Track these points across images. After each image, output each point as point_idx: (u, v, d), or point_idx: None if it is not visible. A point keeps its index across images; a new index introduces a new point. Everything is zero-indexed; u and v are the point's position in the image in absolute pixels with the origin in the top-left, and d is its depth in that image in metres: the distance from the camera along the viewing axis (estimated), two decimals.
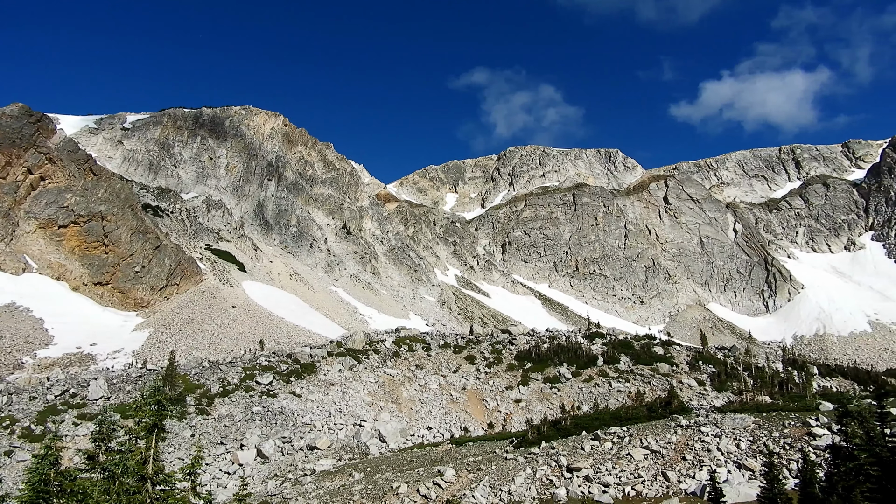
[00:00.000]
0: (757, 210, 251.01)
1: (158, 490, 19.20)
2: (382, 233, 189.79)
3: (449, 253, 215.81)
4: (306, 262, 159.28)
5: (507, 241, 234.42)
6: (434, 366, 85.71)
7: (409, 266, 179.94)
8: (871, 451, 16.72)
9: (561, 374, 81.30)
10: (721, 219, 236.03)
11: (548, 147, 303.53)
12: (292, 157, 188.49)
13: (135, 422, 20.85)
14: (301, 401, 70.37)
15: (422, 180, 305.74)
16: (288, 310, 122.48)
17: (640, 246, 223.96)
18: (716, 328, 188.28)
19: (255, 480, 55.00)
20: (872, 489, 15.44)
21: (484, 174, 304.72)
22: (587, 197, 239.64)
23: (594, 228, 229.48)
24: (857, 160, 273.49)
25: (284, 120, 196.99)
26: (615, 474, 43.39)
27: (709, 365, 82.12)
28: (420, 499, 44.93)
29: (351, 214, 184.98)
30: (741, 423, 46.33)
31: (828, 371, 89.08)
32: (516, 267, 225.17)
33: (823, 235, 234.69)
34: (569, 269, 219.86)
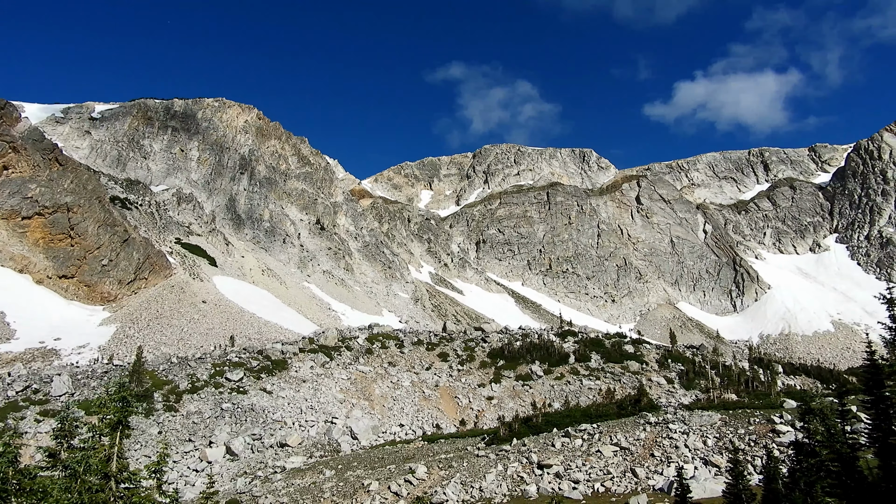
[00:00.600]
0: (726, 211, 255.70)
1: (122, 488, 18.80)
2: (356, 229, 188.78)
3: (423, 250, 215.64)
4: (279, 257, 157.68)
5: (482, 239, 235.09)
6: (407, 363, 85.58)
7: (383, 263, 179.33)
8: (831, 448, 17.12)
9: (533, 372, 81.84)
10: (691, 219, 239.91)
11: (523, 146, 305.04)
12: (266, 151, 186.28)
13: (99, 418, 20.38)
14: (272, 398, 69.67)
15: (397, 177, 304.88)
16: (260, 305, 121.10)
17: (612, 245, 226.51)
18: (685, 327, 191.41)
19: (223, 478, 54.30)
20: (833, 484, 15.81)
21: (459, 171, 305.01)
22: (561, 196, 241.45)
23: (567, 227, 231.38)
24: (823, 164, 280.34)
25: (258, 113, 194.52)
26: (585, 471, 43.86)
27: (678, 363, 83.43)
28: (391, 496, 44.84)
29: (325, 210, 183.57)
30: (708, 420, 47.19)
31: (792, 370, 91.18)
32: (490, 265, 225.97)
33: (790, 237, 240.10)
34: (542, 268, 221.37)
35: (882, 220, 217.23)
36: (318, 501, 44.90)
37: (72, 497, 17.24)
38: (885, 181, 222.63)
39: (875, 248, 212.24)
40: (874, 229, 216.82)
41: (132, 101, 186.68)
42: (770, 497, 20.17)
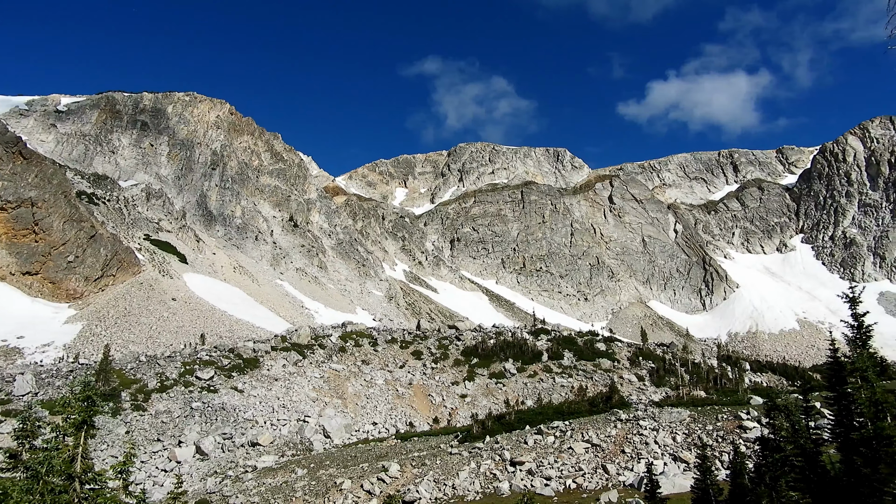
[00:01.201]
0: (696, 211, 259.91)
1: (87, 489, 18.35)
2: (330, 226, 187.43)
3: (397, 248, 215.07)
4: (251, 254, 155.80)
5: (456, 237, 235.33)
6: (380, 361, 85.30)
7: (357, 260, 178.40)
8: (796, 443, 17.51)
9: (506, 370, 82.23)
10: (663, 219, 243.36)
11: (497, 144, 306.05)
12: (238, 147, 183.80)
13: (63, 418, 19.87)
14: (243, 396, 68.85)
15: (371, 174, 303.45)
16: (231, 303, 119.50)
17: (585, 244, 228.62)
18: (656, 325, 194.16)
19: (193, 478, 53.50)
20: (796, 479, 16.16)
21: (434, 169, 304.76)
22: (535, 195, 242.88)
23: (541, 226, 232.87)
24: (790, 165, 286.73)
25: (230, 108, 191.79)
26: (557, 468, 44.20)
27: (648, 361, 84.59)
28: (364, 494, 44.65)
29: (298, 207, 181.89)
30: (677, 417, 47.92)
31: (759, 367, 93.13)
32: (464, 263, 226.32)
33: (757, 237, 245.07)
34: (516, 266, 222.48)
35: (846, 220, 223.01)
36: (289, 501, 44.51)
37: (33, 499, 16.78)
38: (849, 183, 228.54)
39: (839, 248, 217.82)
40: (838, 230, 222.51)
41: (99, 95, 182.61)
42: (736, 492, 20.56)
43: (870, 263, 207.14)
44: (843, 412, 15.92)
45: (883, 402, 14.93)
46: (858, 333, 20.85)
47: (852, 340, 20.34)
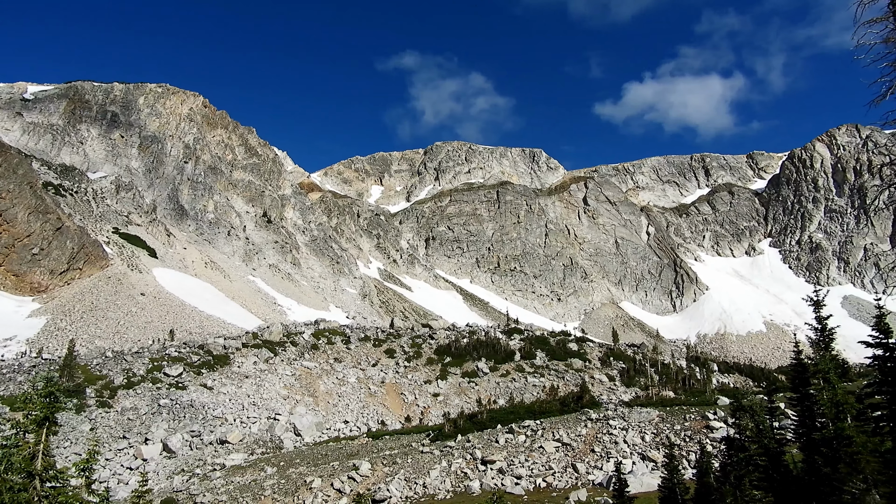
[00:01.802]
0: (668, 214, 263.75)
1: (48, 487, 17.94)
2: (304, 223, 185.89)
3: (372, 245, 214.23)
4: (223, 249, 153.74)
5: (431, 236, 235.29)
6: (353, 359, 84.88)
7: (331, 257, 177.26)
8: (760, 443, 17.87)
9: (479, 369, 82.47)
10: (635, 221, 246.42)
11: (474, 144, 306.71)
12: (211, 140, 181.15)
13: (24, 415, 19.39)
14: (213, 393, 67.92)
15: (347, 171, 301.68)
16: (202, 299, 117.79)
17: (559, 245, 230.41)
18: (627, 326, 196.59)
19: (160, 476, 52.64)
20: (760, 478, 16.49)
21: (410, 168, 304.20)
22: (511, 195, 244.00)
23: (516, 226, 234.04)
24: (760, 171, 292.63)
25: (204, 101, 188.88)
26: (528, 466, 44.48)
27: (619, 361, 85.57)
28: (334, 493, 44.40)
29: (272, 203, 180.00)
30: (646, 416, 48.57)
31: (726, 368, 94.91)
32: (439, 262, 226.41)
33: (727, 240, 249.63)
34: (490, 266, 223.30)
35: (812, 225, 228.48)
36: (258, 499, 44.05)
37: None
38: (816, 189, 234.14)
39: (805, 253, 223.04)
40: (805, 234, 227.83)
41: (68, 84, 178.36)
42: (702, 490, 20.92)
43: (834, 268, 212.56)
44: (806, 413, 16.30)
45: (843, 404, 15.31)
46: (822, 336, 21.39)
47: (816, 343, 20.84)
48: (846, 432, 14.43)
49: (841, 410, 15.12)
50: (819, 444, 14.98)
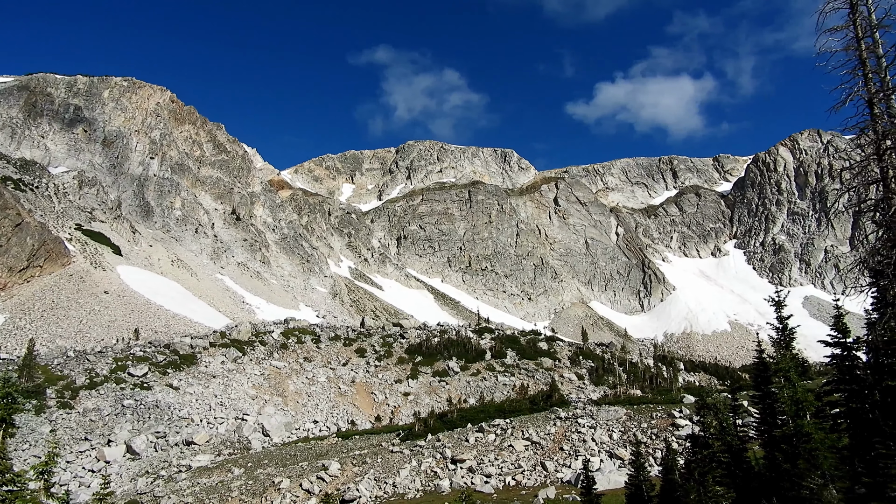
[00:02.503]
0: (637, 215, 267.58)
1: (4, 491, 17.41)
2: (274, 220, 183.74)
3: (343, 244, 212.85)
4: (190, 247, 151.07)
5: (403, 235, 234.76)
6: (323, 358, 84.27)
7: (302, 256, 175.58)
8: (723, 440, 18.25)
9: (450, 368, 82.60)
10: (605, 222, 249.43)
11: (446, 143, 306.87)
12: (179, 136, 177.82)
13: None
14: (179, 393, 66.74)
15: (318, 168, 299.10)
16: (168, 297, 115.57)
17: (530, 245, 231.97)
18: (596, 325, 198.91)
19: (123, 479, 51.54)
20: (723, 474, 16.84)
21: (382, 166, 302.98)
22: (482, 195, 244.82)
23: (488, 226, 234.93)
24: (726, 173, 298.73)
25: (172, 96, 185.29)
26: (497, 465, 44.70)
27: (588, 360, 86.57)
28: (303, 493, 44.02)
29: (241, 200, 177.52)
30: (614, 414, 49.23)
31: (692, 367, 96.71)
32: (410, 261, 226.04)
33: (694, 241, 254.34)
34: (462, 265, 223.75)
35: (776, 228, 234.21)
36: (225, 500, 43.44)
37: None
38: (780, 192, 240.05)
39: (769, 254, 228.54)
40: (768, 236, 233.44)
41: (29, 76, 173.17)
42: (667, 487, 21.29)
43: (796, 269, 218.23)
44: (767, 410, 16.70)
45: (803, 401, 15.72)
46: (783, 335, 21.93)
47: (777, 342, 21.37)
48: (805, 429, 14.82)
49: (801, 408, 15.53)
50: (779, 441, 15.36)
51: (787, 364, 16.77)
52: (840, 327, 17.25)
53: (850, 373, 17.05)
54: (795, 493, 14.44)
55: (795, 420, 15.35)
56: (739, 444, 18.77)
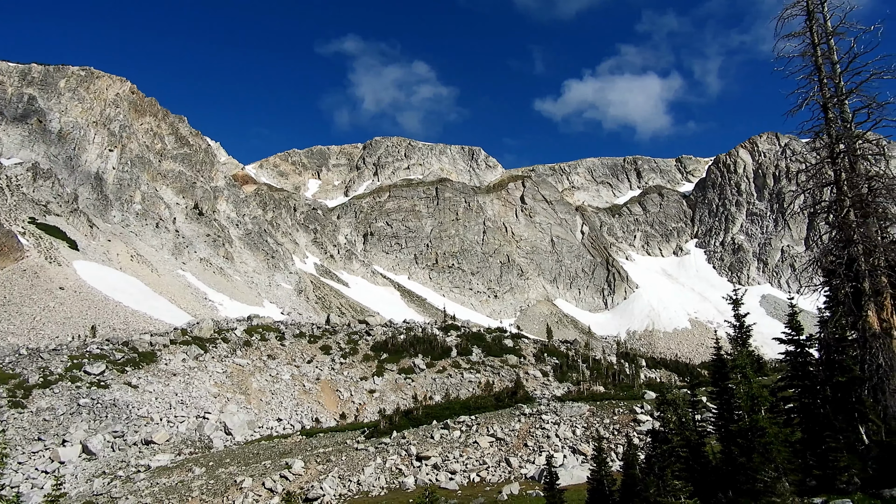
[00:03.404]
0: (602, 214, 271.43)
1: None
2: (238, 216, 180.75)
3: (309, 240, 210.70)
4: (151, 242, 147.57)
5: (369, 232, 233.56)
6: (287, 356, 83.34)
7: (266, 252, 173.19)
8: (682, 435, 18.65)
9: (416, 365, 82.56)
10: (571, 220, 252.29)
11: (413, 140, 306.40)
12: (139, 128, 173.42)
13: None
14: (137, 392, 65.20)
15: (283, 164, 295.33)
16: (127, 294, 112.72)
17: (496, 242, 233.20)
18: (561, 323, 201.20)
19: (78, 480, 50.14)
20: (681, 468, 17.22)
21: (349, 162, 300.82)
22: (449, 192, 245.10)
23: (455, 223, 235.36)
24: (688, 174, 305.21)
25: (132, 87, 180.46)
26: (462, 461, 44.87)
27: (553, 357, 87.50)
28: (265, 492, 43.49)
29: (204, 194, 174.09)
30: (578, 411, 49.85)
31: (654, 363, 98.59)
32: (377, 257, 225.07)
33: (657, 241, 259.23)
34: (428, 262, 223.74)
35: (735, 228, 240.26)
36: (185, 501, 42.63)
37: None
38: (739, 193, 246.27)
39: (728, 254, 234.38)
40: (728, 236, 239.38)
41: None
42: (628, 482, 21.67)
43: (754, 268, 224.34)
44: (724, 406, 17.14)
45: (758, 397, 16.17)
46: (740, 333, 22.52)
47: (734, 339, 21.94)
48: (760, 424, 15.25)
49: (756, 403, 15.98)
50: (735, 436, 15.77)
51: (744, 361, 17.23)
52: (794, 325, 17.80)
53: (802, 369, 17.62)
54: (750, 486, 14.85)
55: (751, 415, 15.77)
56: (698, 439, 19.22)
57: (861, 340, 17.24)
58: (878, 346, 16.84)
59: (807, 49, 19.55)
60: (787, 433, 16.34)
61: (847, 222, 18.06)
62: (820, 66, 19.27)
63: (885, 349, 16.81)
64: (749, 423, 15.46)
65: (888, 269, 17.85)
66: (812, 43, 19.41)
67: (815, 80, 19.33)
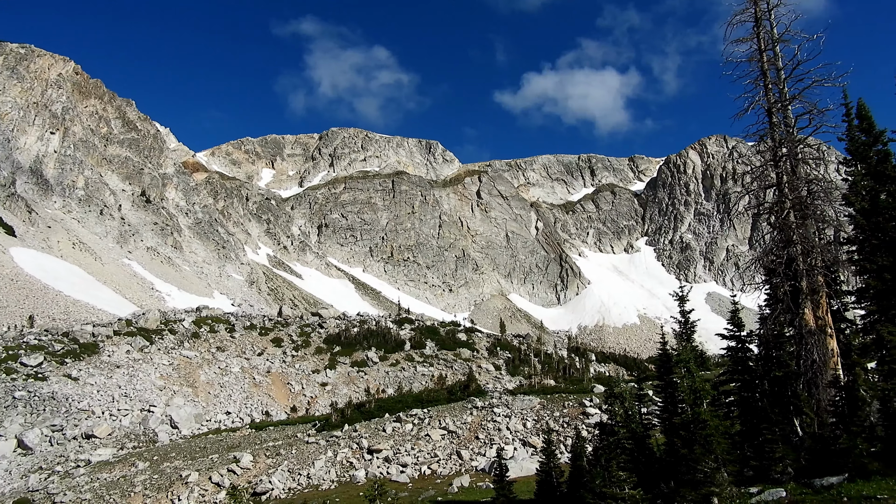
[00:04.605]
0: (556, 210, 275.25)
1: None
2: (188, 204, 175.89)
3: (261, 231, 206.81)
4: (94, 230, 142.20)
5: (324, 223, 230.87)
6: (238, 348, 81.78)
7: (217, 242, 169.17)
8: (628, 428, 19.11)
9: (369, 358, 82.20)
10: (526, 216, 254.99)
11: (371, 132, 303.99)
12: (83, 111, 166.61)
13: None
14: (78, 384, 62.90)
15: (236, 152, 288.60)
16: (68, 283, 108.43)
17: (452, 236, 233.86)
18: (514, 317, 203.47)
19: (12, 475, 48.12)
20: (627, 460, 17.67)
21: (304, 152, 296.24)
22: (406, 185, 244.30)
23: (411, 216, 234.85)
24: (640, 173, 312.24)
25: (76, 67, 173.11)
26: (414, 454, 44.96)
27: (506, 351, 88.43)
28: (212, 487, 42.66)
29: (152, 181, 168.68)
30: (528, 404, 50.54)
31: (603, 358, 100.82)
32: (332, 249, 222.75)
33: (608, 238, 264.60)
34: (384, 255, 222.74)
35: (683, 227, 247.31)
36: (127, 496, 41.43)
37: None
38: (688, 193, 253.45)
39: (676, 252, 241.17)
40: (676, 235, 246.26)
41: None
42: (575, 473, 22.11)
43: (701, 266, 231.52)
44: (669, 399, 17.64)
45: (701, 390, 16.71)
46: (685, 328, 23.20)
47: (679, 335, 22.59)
48: (702, 416, 15.77)
49: (698, 397, 16.51)
50: (678, 428, 16.27)
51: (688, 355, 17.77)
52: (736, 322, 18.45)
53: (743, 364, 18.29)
54: (691, 476, 15.35)
55: (693, 408, 16.29)
56: (643, 431, 19.75)
57: (797, 337, 18.00)
58: (813, 343, 17.62)
59: (754, 55, 20.21)
60: (727, 425, 16.96)
61: (787, 223, 18.80)
62: (766, 71, 19.96)
63: (819, 345, 17.59)
64: (691, 415, 15.97)
65: (824, 268, 18.67)
66: (759, 49, 20.07)
67: (760, 85, 20.01)
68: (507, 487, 25.55)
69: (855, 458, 14.20)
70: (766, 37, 20.08)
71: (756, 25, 20.10)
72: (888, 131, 25.35)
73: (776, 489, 14.52)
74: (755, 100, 19.96)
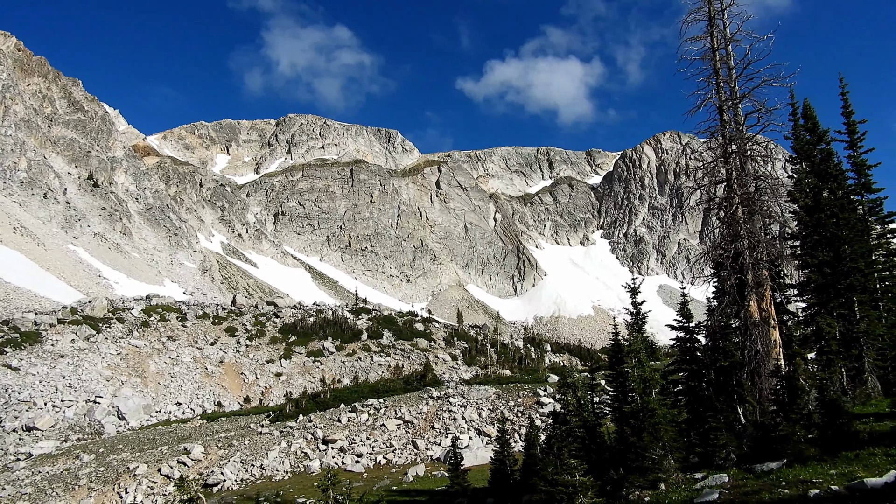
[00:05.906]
0: (514, 202, 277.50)
1: None
2: (138, 189, 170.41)
3: (215, 218, 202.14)
4: (37, 214, 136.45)
5: (281, 211, 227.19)
6: (189, 337, 79.98)
7: (168, 228, 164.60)
8: (580, 416, 19.48)
9: (325, 348, 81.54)
10: (484, 207, 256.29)
11: (329, 119, 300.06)
12: (26, 90, 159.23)
13: None
14: (18, 375, 60.50)
15: (190, 136, 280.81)
16: (9, 268, 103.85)
17: (411, 227, 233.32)
18: (472, 308, 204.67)
19: None
20: (578, 448, 18.03)
21: (260, 138, 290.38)
22: (365, 174, 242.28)
23: (369, 206, 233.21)
24: (596, 167, 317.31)
25: (18, 43, 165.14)
26: (369, 444, 44.89)
27: (462, 341, 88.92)
28: (161, 479, 41.71)
29: (100, 165, 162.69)
30: (484, 394, 51.00)
31: (558, 348, 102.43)
32: (288, 238, 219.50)
33: (565, 230, 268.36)
34: (341, 244, 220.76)
35: (637, 220, 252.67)
36: (71, 490, 40.15)
37: None
38: (643, 187, 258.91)
39: (630, 245, 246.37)
40: (631, 228, 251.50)
41: None
42: (528, 461, 22.45)
43: (654, 259, 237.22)
44: (620, 388, 18.04)
45: (650, 380, 17.14)
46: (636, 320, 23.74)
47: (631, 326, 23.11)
48: (651, 405, 16.19)
49: (648, 386, 16.94)
50: (628, 417, 16.67)
51: (639, 346, 18.18)
52: (685, 313, 18.95)
53: (691, 354, 18.82)
54: (640, 463, 15.76)
55: (643, 397, 16.70)
56: (595, 420, 20.16)
57: (742, 328, 18.63)
58: (757, 334, 18.27)
59: (707, 53, 20.68)
60: (675, 414, 17.45)
61: (735, 218, 19.38)
62: (718, 69, 20.45)
63: (762, 336, 18.25)
64: (641, 404, 16.37)
65: (769, 263, 19.34)
66: (712, 47, 20.55)
67: (713, 83, 20.50)
68: (461, 476, 25.77)
69: (793, 445, 14.81)
70: (719, 36, 20.56)
71: (710, 24, 20.56)
72: (831, 131, 26.39)
73: (719, 475, 15.04)
74: (707, 97, 20.44)
